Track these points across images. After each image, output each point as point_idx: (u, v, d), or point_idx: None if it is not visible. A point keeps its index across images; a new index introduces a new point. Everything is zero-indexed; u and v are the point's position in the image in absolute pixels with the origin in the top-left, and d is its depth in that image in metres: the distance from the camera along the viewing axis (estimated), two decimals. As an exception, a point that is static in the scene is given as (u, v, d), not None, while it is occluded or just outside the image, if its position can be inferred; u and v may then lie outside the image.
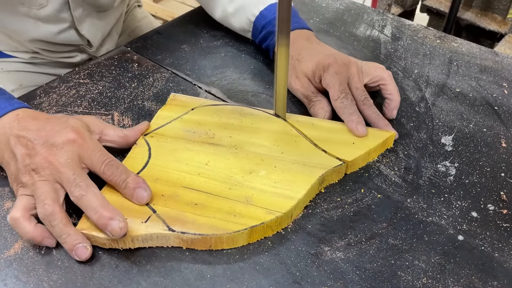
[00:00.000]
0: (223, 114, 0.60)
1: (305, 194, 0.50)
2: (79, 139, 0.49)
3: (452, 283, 0.45)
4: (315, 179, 0.51)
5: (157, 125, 0.59)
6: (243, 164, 0.53)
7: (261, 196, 0.50)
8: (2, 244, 0.47)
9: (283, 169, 0.53)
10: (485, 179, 0.56)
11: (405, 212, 0.52)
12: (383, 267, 0.46)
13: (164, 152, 0.55)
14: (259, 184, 0.51)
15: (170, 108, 0.62)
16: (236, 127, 0.58)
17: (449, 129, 0.63)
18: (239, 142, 0.56)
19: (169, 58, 0.74)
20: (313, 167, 0.53)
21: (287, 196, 0.50)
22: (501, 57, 0.77)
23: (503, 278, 0.46)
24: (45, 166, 0.47)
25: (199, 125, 0.59)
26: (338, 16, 0.87)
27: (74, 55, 0.84)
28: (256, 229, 0.47)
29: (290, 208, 0.48)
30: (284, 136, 0.57)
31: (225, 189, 0.51)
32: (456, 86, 0.70)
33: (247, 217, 0.47)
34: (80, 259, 0.45)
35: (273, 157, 0.54)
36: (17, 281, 0.44)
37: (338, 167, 0.53)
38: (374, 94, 0.67)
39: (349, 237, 0.49)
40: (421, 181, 0.55)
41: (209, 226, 0.47)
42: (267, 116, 0.60)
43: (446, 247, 0.48)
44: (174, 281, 0.45)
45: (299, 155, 0.54)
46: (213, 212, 0.48)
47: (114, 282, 0.44)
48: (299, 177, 0.52)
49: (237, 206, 0.49)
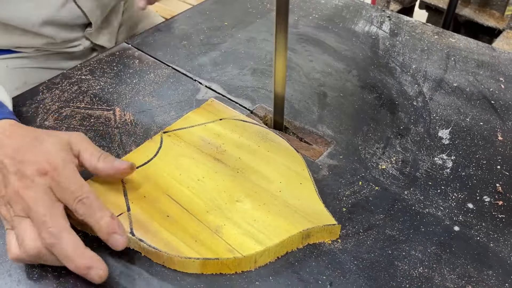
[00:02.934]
0: (246, 133, 0.58)
1: (278, 244, 0.46)
2: (51, 171, 0.45)
3: (448, 273, 0.46)
4: (297, 232, 0.46)
5: (180, 126, 0.58)
6: (234, 190, 0.51)
7: (232, 230, 0.46)
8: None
9: (270, 209, 0.49)
10: (481, 172, 0.57)
11: (402, 204, 0.52)
12: (380, 257, 0.47)
13: (170, 154, 0.55)
14: (237, 217, 0.48)
15: (201, 113, 0.61)
16: (250, 150, 0.55)
17: (446, 123, 0.63)
18: (245, 166, 0.53)
19: (170, 54, 0.75)
20: (303, 217, 0.48)
21: (257, 239, 0.46)
22: (498, 52, 0.77)
23: (498, 267, 0.47)
24: (15, 200, 0.44)
25: (217, 137, 0.57)
26: (337, 12, 0.88)
27: (77, 43, 0.84)
28: (210, 263, 0.44)
29: (254, 253, 0.45)
30: (293, 174, 0.53)
31: (203, 211, 0.48)
32: (454, 81, 0.71)
33: (206, 247, 0.45)
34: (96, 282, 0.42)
35: (269, 193, 0.50)
36: (22, 272, 0.45)
37: (329, 227, 0.47)
38: (373, 91, 0.68)
39: (347, 228, 0.50)
40: (418, 173, 0.56)
41: (166, 243, 0.45)
42: (287, 149, 0.56)
43: (442, 238, 0.49)
44: (175, 272, 0.45)
45: (296, 200, 0.50)
46: (178, 230, 0.46)
47: (116, 273, 0.45)
48: (281, 224, 0.47)
49: (204, 232, 0.46)
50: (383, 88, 0.69)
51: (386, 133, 0.62)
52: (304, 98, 0.67)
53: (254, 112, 0.65)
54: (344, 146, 0.60)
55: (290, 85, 0.70)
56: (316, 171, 0.56)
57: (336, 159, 0.58)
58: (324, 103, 0.67)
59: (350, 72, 0.73)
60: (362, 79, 0.71)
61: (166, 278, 0.45)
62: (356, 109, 0.66)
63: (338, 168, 0.57)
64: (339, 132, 0.62)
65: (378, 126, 0.63)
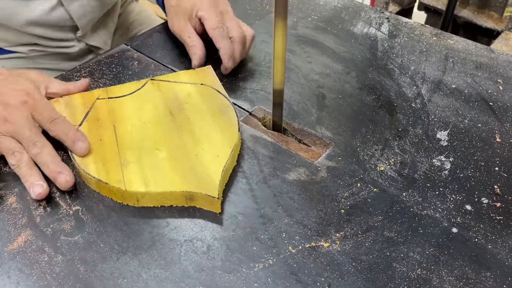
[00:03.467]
0: (210, 101, 0.62)
1: (160, 193, 0.51)
2: (30, 100, 0.55)
3: (446, 274, 0.46)
4: (179, 190, 0.51)
5: (166, 78, 0.66)
6: (162, 140, 0.57)
7: (134, 168, 0.53)
8: (6, 238, 0.48)
9: (175, 165, 0.54)
10: (479, 173, 0.57)
11: (400, 206, 0.53)
12: (379, 259, 0.47)
13: (142, 97, 0.63)
14: (146, 160, 0.54)
15: (190, 74, 0.67)
16: (201, 116, 0.60)
17: (444, 124, 0.64)
18: (186, 126, 0.59)
19: (169, 56, 0.75)
20: (193, 181, 0.52)
21: (146, 182, 0.51)
22: (497, 54, 0.78)
23: (496, 269, 0.47)
24: (1, 122, 0.53)
25: (187, 96, 0.63)
26: (336, 14, 0.88)
27: (72, 44, 0.84)
28: (101, 185, 0.52)
29: (135, 191, 0.51)
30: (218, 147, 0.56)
31: (126, 146, 0.56)
32: (452, 83, 0.71)
33: (106, 172, 0.52)
34: (34, 195, 0.51)
35: (186, 152, 0.55)
36: (21, 274, 0.45)
37: (210, 198, 0.50)
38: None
39: (345, 230, 0.50)
40: (417, 175, 0.56)
41: (83, 158, 0.54)
42: (232, 126, 0.59)
43: (441, 239, 0.49)
44: (174, 273, 0.46)
45: (201, 167, 0.53)
46: (98, 153, 0.55)
47: (115, 275, 0.45)
48: (173, 179, 0.52)
49: (114, 161, 0.54)
50: (382, 90, 0.70)
51: (385, 134, 0.62)
52: (302, 99, 0.68)
53: (253, 114, 0.65)
54: (342, 147, 0.60)
55: (288, 86, 0.70)
56: (315, 172, 0.56)
57: (335, 160, 0.58)
58: (322, 105, 0.67)
59: (349, 74, 0.73)
60: (361, 80, 0.71)
61: (164, 280, 0.45)
62: (355, 110, 0.66)
63: (336, 169, 0.57)
64: (338, 134, 0.62)
65: (376, 128, 0.63)
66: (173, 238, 0.49)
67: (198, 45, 0.69)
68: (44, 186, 0.51)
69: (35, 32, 0.79)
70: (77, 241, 0.48)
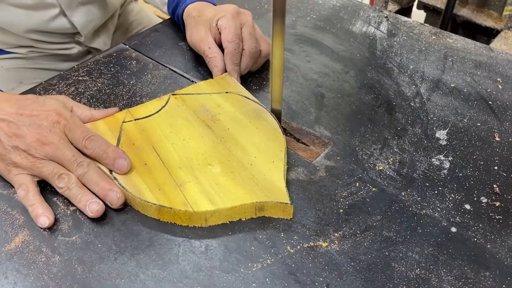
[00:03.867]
0: (243, 108, 0.61)
1: (229, 208, 0.49)
2: (62, 120, 0.52)
3: (445, 274, 0.46)
4: (250, 202, 0.49)
5: (188, 91, 0.64)
6: (211, 154, 0.55)
7: (194, 187, 0.51)
8: (3, 238, 0.48)
9: (235, 177, 0.52)
10: (478, 173, 0.56)
11: (399, 205, 0.52)
12: (377, 258, 0.47)
13: (170, 113, 0.60)
14: (203, 178, 0.52)
15: (212, 83, 0.65)
16: (240, 124, 0.59)
17: (443, 123, 0.63)
18: (229, 136, 0.57)
19: (167, 55, 0.75)
20: (260, 191, 0.50)
21: (212, 200, 0.49)
22: (496, 52, 0.77)
23: (495, 268, 0.46)
24: (36, 146, 0.50)
25: (217, 107, 0.61)
26: (335, 13, 0.88)
27: (71, 46, 0.84)
28: (164, 210, 0.49)
29: (204, 211, 0.48)
30: (269, 153, 0.55)
31: (176, 166, 0.53)
32: (451, 82, 0.71)
33: (165, 197, 0.50)
34: (92, 213, 0.49)
35: (240, 163, 0.53)
36: (18, 274, 0.45)
37: (282, 205, 0.49)
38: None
39: (344, 230, 0.50)
40: (416, 174, 0.56)
41: (134, 185, 0.51)
42: (275, 129, 0.58)
43: (440, 239, 0.49)
44: (172, 273, 0.45)
45: (261, 175, 0.52)
46: (149, 178, 0.52)
47: (113, 275, 0.45)
48: (239, 192, 0.50)
49: (169, 184, 0.51)
50: (381, 89, 0.69)
51: (384, 134, 0.62)
52: (301, 99, 0.67)
53: (251, 113, 0.65)
54: (341, 147, 0.60)
55: (287, 86, 0.70)
56: (313, 172, 0.56)
57: (333, 160, 0.58)
58: (321, 104, 0.66)
59: (348, 73, 0.73)
60: (360, 79, 0.71)
61: (162, 280, 0.45)
62: (354, 110, 0.66)
63: (335, 169, 0.56)
64: (337, 133, 0.62)
65: (375, 127, 0.63)
66: (171, 238, 0.48)
67: (218, 57, 0.66)
68: (100, 203, 0.49)
69: (35, 37, 0.79)
70: (74, 241, 0.48)
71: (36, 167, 0.51)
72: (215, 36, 0.67)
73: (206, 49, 0.67)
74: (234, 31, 0.65)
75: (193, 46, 0.71)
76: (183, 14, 0.75)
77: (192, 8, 0.73)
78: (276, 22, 0.52)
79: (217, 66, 0.66)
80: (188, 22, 0.73)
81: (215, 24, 0.67)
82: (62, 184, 0.50)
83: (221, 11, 0.67)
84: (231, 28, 0.65)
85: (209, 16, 0.68)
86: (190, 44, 0.72)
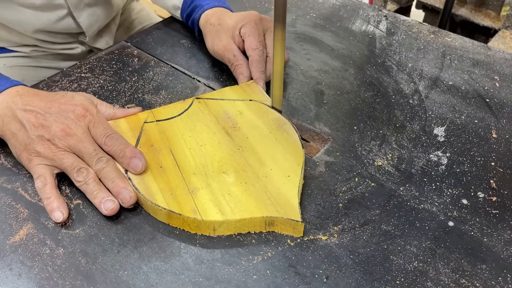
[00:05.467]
0: (265, 118, 0.60)
1: (238, 220, 0.48)
2: (88, 114, 0.54)
3: (442, 267, 0.47)
4: (260, 216, 0.48)
5: (212, 96, 0.64)
6: (226, 162, 0.54)
7: (205, 195, 0.50)
8: (8, 231, 0.49)
9: (248, 188, 0.51)
10: (475, 168, 0.57)
11: (397, 200, 0.53)
12: (376, 251, 0.48)
13: (192, 117, 0.60)
14: (216, 186, 0.51)
15: (237, 90, 0.65)
16: (260, 134, 0.58)
17: (441, 120, 0.64)
18: (247, 145, 0.56)
19: (169, 52, 0.76)
20: (272, 205, 0.49)
21: (222, 210, 0.49)
22: (493, 51, 0.78)
23: (491, 261, 0.47)
24: (60, 136, 0.52)
25: (239, 114, 0.60)
26: (334, 11, 0.89)
27: (75, 46, 0.85)
28: (174, 216, 0.49)
29: (212, 220, 0.48)
30: (286, 166, 0.53)
31: (190, 171, 0.53)
32: (449, 79, 0.72)
33: (176, 202, 0.49)
34: (106, 210, 0.49)
35: (255, 174, 0.52)
36: (22, 266, 0.46)
37: (293, 222, 0.48)
38: (371, 91, 0.68)
39: (343, 223, 0.50)
40: (414, 170, 0.57)
41: (147, 188, 0.51)
42: (295, 142, 0.56)
43: (437, 233, 0.50)
44: (174, 265, 0.46)
45: (275, 188, 0.51)
46: (162, 181, 0.51)
47: (116, 267, 0.46)
48: (250, 204, 0.49)
49: (182, 189, 0.51)
50: (380, 86, 0.70)
51: (382, 130, 0.62)
52: (301, 96, 0.68)
53: (252, 110, 0.65)
54: (340, 143, 0.60)
55: (288, 83, 0.70)
56: (313, 167, 0.57)
57: (333, 156, 0.59)
58: (321, 101, 0.67)
59: (347, 71, 0.74)
60: (359, 77, 0.72)
61: (164, 272, 0.46)
62: (353, 106, 0.66)
63: (334, 164, 0.57)
64: (336, 130, 0.62)
65: (374, 124, 0.63)
66: (173, 231, 0.49)
67: (244, 64, 0.66)
68: (116, 202, 0.50)
69: (41, 37, 0.80)
70: (78, 234, 0.49)
71: (57, 157, 0.52)
72: (238, 44, 0.67)
73: (231, 57, 0.66)
74: (258, 38, 0.65)
75: (215, 54, 0.70)
76: (199, 20, 0.74)
77: (211, 15, 0.72)
78: (278, 28, 0.54)
79: (243, 73, 0.65)
80: (207, 30, 0.72)
81: (238, 32, 0.66)
82: (80, 178, 0.51)
83: (243, 18, 0.67)
84: (255, 35, 0.65)
85: (231, 24, 0.68)
86: (212, 52, 0.71)
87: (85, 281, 0.45)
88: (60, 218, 0.49)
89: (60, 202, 0.50)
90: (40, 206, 0.51)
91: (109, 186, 0.51)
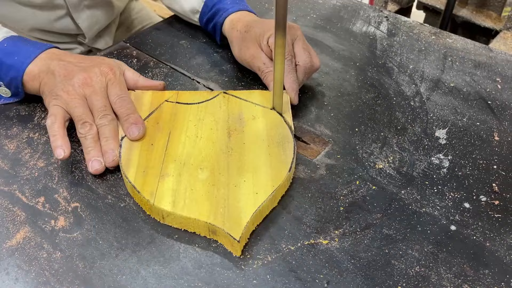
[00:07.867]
0: (274, 130, 0.58)
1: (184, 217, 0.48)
2: (110, 74, 0.59)
3: (444, 271, 0.46)
4: (203, 220, 0.47)
5: (238, 95, 0.64)
6: (208, 160, 0.54)
7: (170, 184, 0.51)
8: (5, 234, 0.48)
9: (211, 191, 0.50)
10: (477, 171, 0.57)
11: (399, 203, 0.53)
12: (377, 256, 0.47)
13: (207, 109, 0.61)
14: (185, 178, 0.51)
15: (264, 95, 0.63)
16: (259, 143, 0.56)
17: (443, 122, 0.64)
18: (239, 151, 0.55)
19: (168, 53, 0.75)
20: (221, 215, 0.48)
21: (175, 202, 0.49)
22: (495, 52, 0.78)
23: (494, 266, 0.47)
24: (80, 84, 0.56)
25: (251, 119, 0.60)
26: (335, 12, 0.88)
27: (73, 47, 0.85)
28: (135, 192, 0.51)
29: (162, 208, 0.48)
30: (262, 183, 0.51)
31: (172, 158, 0.54)
32: (451, 81, 0.71)
33: (143, 180, 0.51)
34: (91, 169, 0.53)
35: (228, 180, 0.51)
36: (19, 270, 0.45)
37: (231, 238, 0.46)
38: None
39: (344, 227, 0.50)
40: (415, 173, 0.56)
41: (129, 159, 0.53)
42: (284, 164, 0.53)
43: (439, 237, 0.49)
44: (173, 270, 0.46)
45: (235, 201, 0.49)
46: (143, 157, 0.54)
47: (114, 271, 0.45)
48: (202, 206, 0.49)
49: (155, 170, 0.52)
50: (381, 88, 0.70)
51: (384, 132, 0.62)
52: (302, 97, 0.68)
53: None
54: (341, 145, 0.60)
55: (288, 84, 0.70)
56: (314, 170, 0.56)
57: (334, 158, 0.58)
58: (322, 103, 0.67)
59: (348, 72, 0.73)
60: (360, 79, 0.72)
61: (163, 276, 0.45)
62: (354, 109, 0.66)
63: (335, 167, 0.57)
64: (337, 132, 0.62)
65: (375, 126, 0.63)
66: (172, 235, 0.49)
67: None
68: (102, 164, 0.53)
69: (38, 36, 0.80)
70: (76, 238, 0.48)
71: (72, 103, 0.55)
72: (266, 53, 0.65)
73: (260, 65, 0.65)
74: (287, 48, 0.63)
75: (243, 62, 0.69)
76: (223, 24, 0.73)
77: (236, 20, 0.71)
78: (278, 36, 0.53)
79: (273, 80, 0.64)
80: (233, 35, 0.70)
81: (266, 42, 0.64)
82: (82, 131, 0.55)
83: (271, 27, 0.65)
84: None
85: (258, 32, 0.66)
86: (240, 60, 0.69)
87: (83, 286, 0.44)
88: (61, 155, 0.52)
89: (64, 141, 0.53)
90: (38, 209, 0.51)
91: (102, 143, 0.54)
